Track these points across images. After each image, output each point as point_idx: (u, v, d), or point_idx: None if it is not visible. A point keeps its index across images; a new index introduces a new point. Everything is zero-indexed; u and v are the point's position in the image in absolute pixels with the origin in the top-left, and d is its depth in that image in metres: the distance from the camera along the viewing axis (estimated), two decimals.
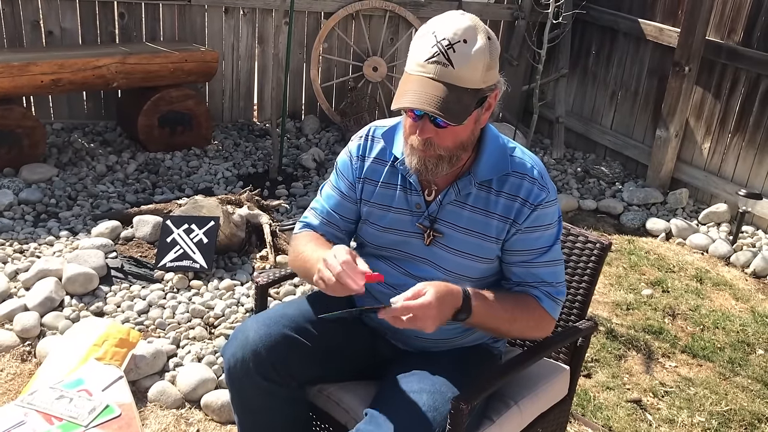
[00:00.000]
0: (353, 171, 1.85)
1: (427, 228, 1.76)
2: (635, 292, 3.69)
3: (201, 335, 2.86)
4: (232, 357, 1.76)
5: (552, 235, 1.76)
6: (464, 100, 1.55)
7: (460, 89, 1.54)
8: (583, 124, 5.71)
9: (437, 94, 1.52)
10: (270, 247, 3.42)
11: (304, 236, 1.88)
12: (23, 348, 2.73)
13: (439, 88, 1.53)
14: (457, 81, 1.53)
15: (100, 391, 1.97)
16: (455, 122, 1.55)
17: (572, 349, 2.11)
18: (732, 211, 4.57)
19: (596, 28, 5.57)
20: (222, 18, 5.07)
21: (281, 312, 1.83)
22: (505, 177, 1.72)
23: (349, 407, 1.83)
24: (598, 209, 4.75)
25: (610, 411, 2.76)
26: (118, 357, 2.48)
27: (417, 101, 1.53)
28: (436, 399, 1.64)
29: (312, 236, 1.87)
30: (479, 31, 1.56)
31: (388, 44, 5.55)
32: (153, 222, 3.45)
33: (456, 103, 1.53)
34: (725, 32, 4.64)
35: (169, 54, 4.48)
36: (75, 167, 4.30)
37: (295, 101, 5.48)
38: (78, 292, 3.00)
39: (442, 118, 1.53)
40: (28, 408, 1.87)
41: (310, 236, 1.87)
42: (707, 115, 4.81)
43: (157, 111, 4.54)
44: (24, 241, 3.42)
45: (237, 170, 4.59)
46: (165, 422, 2.46)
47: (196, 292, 3.13)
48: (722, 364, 3.15)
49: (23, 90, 4.12)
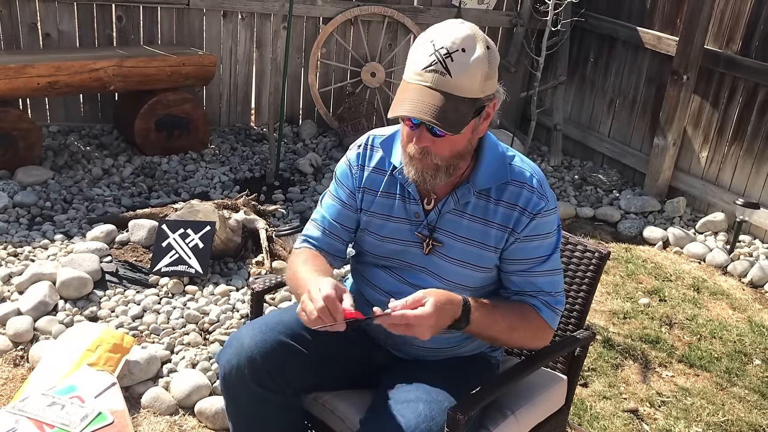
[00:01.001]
0: (353, 180, 1.83)
1: (426, 237, 1.75)
2: (632, 300, 3.68)
3: (195, 341, 2.84)
4: (227, 363, 1.75)
5: (551, 244, 1.75)
6: (461, 109, 1.54)
7: (458, 98, 1.53)
8: (580, 132, 5.70)
9: (434, 103, 1.51)
10: (266, 253, 3.40)
11: (302, 254, 1.85)
12: (16, 352, 2.71)
13: (437, 97, 1.52)
14: (454, 90, 1.52)
15: (92, 398, 1.95)
16: (452, 132, 1.54)
17: (570, 358, 2.09)
18: (729, 220, 4.57)
19: (595, 35, 5.57)
20: (220, 22, 5.06)
21: (277, 319, 1.81)
22: (504, 186, 1.71)
23: (345, 416, 1.82)
24: (596, 217, 4.75)
25: (607, 421, 2.75)
26: (111, 362, 2.46)
27: (414, 110, 1.52)
28: (433, 408, 1.63)
29: (310, 255, 1.83)
30: (478, 40, 1.55)
31: (386, 50, 5.55)
32: (148, 226, 3.43)
33: (453, 113, 1.52)
34: (724, 41, 4.64)
35: (167, 57, 4.47)
36: (71, 170, 4.28)
37: (292, 106, 5.47)
38: (72, 297, 2.97)
39: (439, 127, 1.52)
40: (19, 415, 1.85)
41: (307, 255, 1.84)
42: (705, 124, 4.81)
43: (154, 114, 4.52)
44: (18, 245, 3.39)
45: (234, 175, 4.57)
46: (158, 429, 2.44)
47: (191, 298, 3.11)
48: (719, 374, 3.14)
49: (20, 92, 4.10)
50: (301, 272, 1.76)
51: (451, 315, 1.58)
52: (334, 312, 1.50)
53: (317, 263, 1.79)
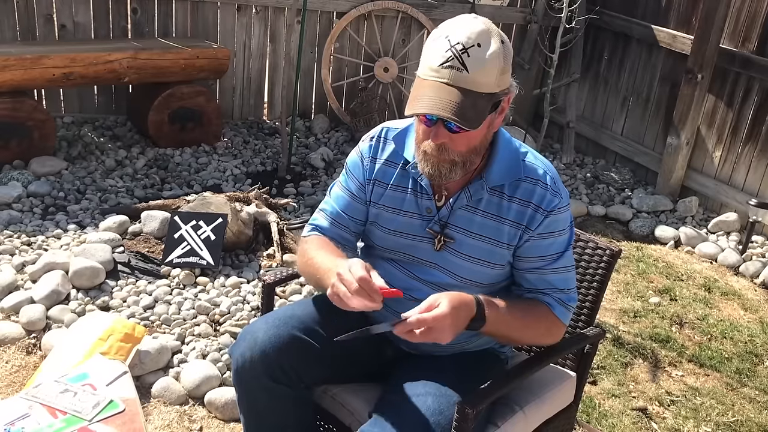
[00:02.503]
0: (364, 171, 1.83)
1: (438, 233, 1.75)
2: (643, 299, 3.67)
3: (206, 332, 2.85)
4: (240, 357, 1.75)
5: (564, 241, 1.74)
6: (479, 104, 1.53)
7: (475, 94, 1.52)
8: (593, 130, 5.68)
9: (452, 99, 1.50)
10: (277, 246, 3.42)
11: (314, 241, 1.84)
12: (28, 340, 2.73)
13: (454, 93, 1.51)
14: (471, 86, 1.52)
15: (104, 386, 1.96)
16: (471, 127, 1.53)
17: (579, 355, 2.09)
18: (742, 220, 4.54)
19: (609, 33, 5.55)
20: (234, 15, 5.07)
21: (290, 313, 1.81)
22: (518, 182, 1.70)
23: (354, 409, 1.82)
24: (607, 215, 4.73)
25: (615, 419, 2.74)
26: (122, 352, 2.48)
27: (433, 107, 1.51)
28: (442, 403, 1.63)
29: (322, 242, 1.82)
30: (493, 35, 1.54)
31: (399, 45, 5.54)
32: (161, 217, 3.45)
33: (471, 108, 1.51)
34: (739, 40, 4.61)
35: (181, 50, 4.49)
36: (84, 161, 4.31)
37: (305, 100, 5.48)
38: (84, 286, 3.00)
39: (459, 123, 1.51)
40: (32, 401, 1.86)
41: (320, 242, 1.82)
42: (719, 124, 4.79)
43: (168, 107, 4.54)
44: (32, 234, 3.42)
45: (246, 168, 4.59)
46: (168, 418, 2.46)
47: (203, 289, 3.13)
48: (729, 374, 3.13)
49: (35, 83, 4.13)
50: (317, 258, 1.74)
51: (466, 314, 1.57)
52: (371, 292, 1.50)
53: (331, 249, 1.78)
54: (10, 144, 4.07)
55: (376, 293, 1.51)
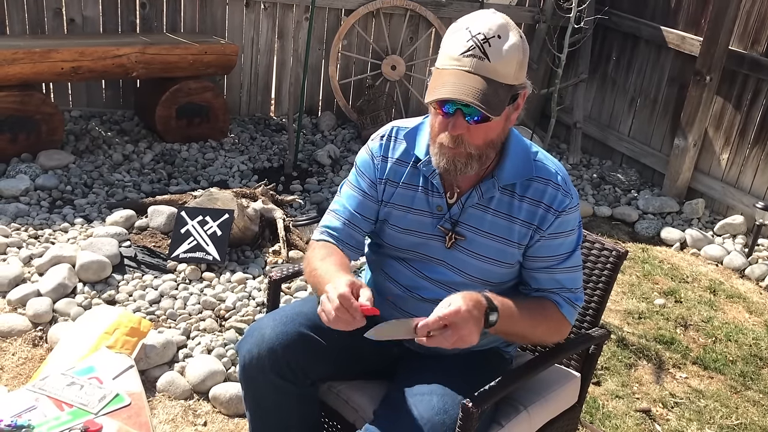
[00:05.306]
0: (375, 170, 1.82)
1: (449, 230, 1.74)
2: (648, 301, 3.67)
3: (211, 327, 2.86)
4: (247, 353, 1.75)
5: (573, 241, 1.75)
6: (500, 93, 1.53)
7: (496, 83, 1.52)
8: (600, 130, 5.67)
9: (475, 86, 1.50)
10: (283, 242, 3.42)
11: (320, 251, 1.79)
12: (35, 333, 2.75)
13: (477, 80, 1.51)
14: (493, 75, 1.52)
15: (110, 380, 1.97)
16: (494, 114, 1.52)
17: (584, 356, 2.09)
18: (748, 223, 4.53)
19: (617, 34, 5.53)
20: (243, 11, 5.07)
21: (297, 310, 1.82)
22: (529, 182, 1.70)
23: (359, 406, 1.83)
24: (613, 216, 4.72)
25: (619, 420, 2.74)
26: (128, 346, 2.49)
27: (456, 92, 1.50)
28: (446, 401, 1.63)
29: (329, 251, 1.78)
30: (512, 29, 1.56)
31: (407, 43, 5.54)
32: (167, 212, 3.46)
33: (494, 96, 1.51)
34: (749, 42, 4.60)
35: (189, 45, 4.49)
36: (92, 155, 4.32)
37: (312, 97, 5.48)
38: (91, 280, 3.01)
39: (483, 109, 1.50)
40: (39, 393, 1.87)
41: (326, 251, 1.78)
42: (727, 126, 4.77)
43: (175, 102, 4.55)
44: (39, 227, 3.43)
45: (252, 164, 4.59)
46: (173, 413, 2.47)
47: (208, 284, 3.14)
48: (734, 377, 3.12)
49: (44, 76, 4.14)
50: (319, 269, 1.72)
51: (480, 309, 1.53)
52: (351, 309, 1.49)
53: (334, 260, 1.74)
54: (19, 137, 4.09)
55: (356, 311, 1.49)
